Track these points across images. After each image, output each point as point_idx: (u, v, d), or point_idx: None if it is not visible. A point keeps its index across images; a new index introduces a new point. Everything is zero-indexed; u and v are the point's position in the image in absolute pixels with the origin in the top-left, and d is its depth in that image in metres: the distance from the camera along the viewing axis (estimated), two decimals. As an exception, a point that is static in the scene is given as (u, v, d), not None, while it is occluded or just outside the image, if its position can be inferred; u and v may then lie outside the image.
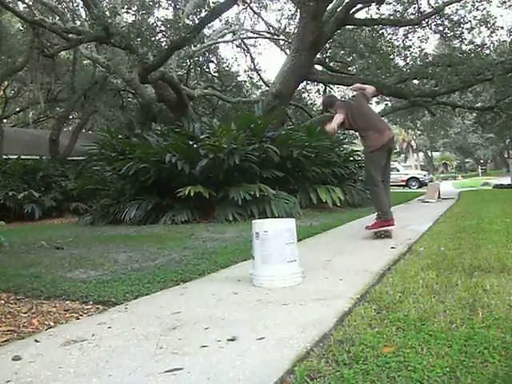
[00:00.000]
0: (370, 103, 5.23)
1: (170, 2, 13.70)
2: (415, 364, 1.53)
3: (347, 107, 4.67)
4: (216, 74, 18.42)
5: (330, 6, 11.19)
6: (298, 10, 11.75)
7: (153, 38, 10.74)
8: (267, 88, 15.95)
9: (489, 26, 13.61)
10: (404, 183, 22.42)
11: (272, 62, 34.48)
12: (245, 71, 19.11)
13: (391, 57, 14.39)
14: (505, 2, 13.10)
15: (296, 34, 11.77)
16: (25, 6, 14.21)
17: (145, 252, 4.30)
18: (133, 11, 12.31)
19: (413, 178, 23.14)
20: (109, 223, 7.52)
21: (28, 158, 12.79)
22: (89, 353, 1.80)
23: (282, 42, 17.64)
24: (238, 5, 15.31)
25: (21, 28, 14.66)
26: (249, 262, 3.20)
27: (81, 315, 2.41)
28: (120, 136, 9.32)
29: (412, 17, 13.57)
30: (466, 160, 56.03)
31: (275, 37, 17.71)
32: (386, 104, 17.72)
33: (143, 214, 7.12)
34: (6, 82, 17.43)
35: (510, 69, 11.90)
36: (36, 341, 1.98)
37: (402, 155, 53.23)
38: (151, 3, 12.44)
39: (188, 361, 1.67)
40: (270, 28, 17.54)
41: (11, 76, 15.67)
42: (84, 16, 13.32)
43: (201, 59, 16.94)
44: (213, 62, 18.11)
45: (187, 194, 6.69)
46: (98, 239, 5.56)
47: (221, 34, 16.59)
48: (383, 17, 13.28)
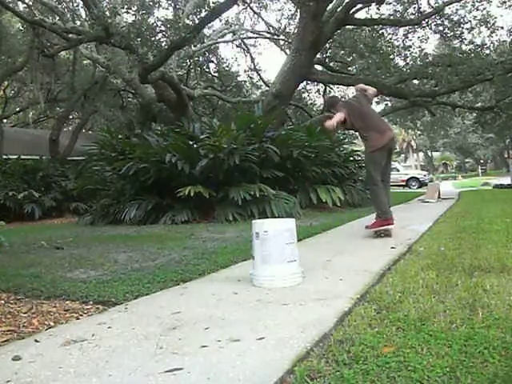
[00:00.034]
0: (371, 104, 5.25)
1: (170, 2, 13.73)
2: (415, 364, 1.53)
3: (349, 107, 4.71)
4: (216, 74, 18.42)
5: (330, 6, 11.20)
6: (298, 10, 11.76)
7: (153, 38, 10.73)
8: (267, 88, 15.95)
9: (489, 26, 13.62)
10: (404, 183, 22.41)
11: (272, 61, 34.50)
12: (245, 71, 19.16)
13: (391, 57, 14.38)
14: (505, 2, 13.11)
15: (296, 34, 11.78)
16: (25, 6, 14.22)
17: (145, 252, 4.30)
18: (133, 11, 12.32)
19: (413, 178, 23.15)
20: (109, 223, 7.52)
21: (28, 158, 12.79)
22: (89, 353, 1.80)
23: (282, 42, 17.64)
24: (238, 5, 15.32)
25: (21, 28, 14.66)
26: (249, 262, 3.20)
27: (81, 315, 2.41)
28: (120, 136, 9.32)
29: (412, 17, 13.57)
30: (466, 160, 56.04)
31: (275, 37, 17.71)
32: (386, 104, 17.74)
33: (143, 213, 7.12)
34: (6, 82, 17.43)
35: (510, 69, 11.90)
36: (36, 341, 1.98)
37: (402, 155, 53.23)
38: (151, 3, 12.45)
39: (188, 361, 1.67)
40: (270, 28, 17.54)
41: (11, 76, 15.68)
42: (84, 16, 13.33)
43: (201, 59, 16.94)
44: (213, 61, 18.12)
45: (187, 194, 6.69)
46: (98, 239, 5.56)
47: (221, 33, 16.60)
48: (383, 17, 13.29)
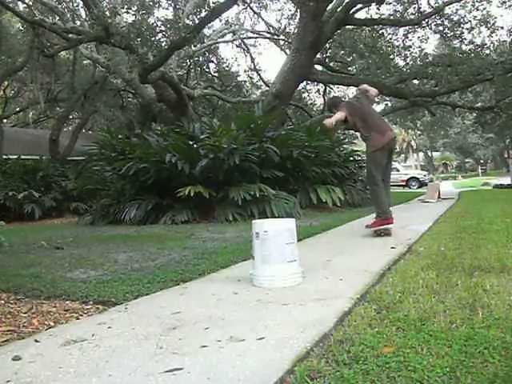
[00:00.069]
0: (372, 104, 5.26)
1: (169, 2, 13.72)
2: (415, 364, 1.53)
3: (350, 107, 4.73)
4: (216, 74, 18.42)
5: (330, 6, 11.20)
6: (298, 10, 11.76)
7: (153, 38, 10.74)
8: (267, 88, 15.95)
9: (489, 26, 13.63)
10: (404, 183, 22.42)
11: (272, 61, 34.51)
12: (245, 71, 19.16)
13: (391, 57, 14.38)
14: (505, 2, 13.11)
15: (296, 34, 11.78)
16: (25, 6, 14.22)
17: (145, 252, 4.30)
18: (133, 11, 12.31)
19: (413, 177, 23.15)
20: (109, 223, 7.52)
21: (28, 158, 12.79)
22: (89, 353, 1.80)
23: (282, 42, 17.64)
24: (238, 5, 15.32)
25: (21, 28, 14.66)
26: (249, 262, 3.19)
27: (81, 315, 2.41)
28: (120, 136, 9.31)
29: (412, 17, 13.57)
30: (466, 160, 56.05)
31: (275, 37, 17.71)
32: (386, 104, 17.75)
33: (143, 213, 7.12)
34: (6, 82, 17.43)
35: (510, 69, 11.90)
36: (36, 341, 1.98)
37: (402, 155, 53.24)
38: (151, 3, 12.44)
39: (188, 361, 1.67)
40: (270, 28, 17.54)
41: (11, 76, 15.68)
42: (84, 16, 13.33)
43: (201, 59, 16.94)
44: (213, 61, 18.12)
45: (187, 194, 6.69)
46: (98, 239, 5.56)
47: (221, 33, 16.60)
48: (383, 17, 13.28)
